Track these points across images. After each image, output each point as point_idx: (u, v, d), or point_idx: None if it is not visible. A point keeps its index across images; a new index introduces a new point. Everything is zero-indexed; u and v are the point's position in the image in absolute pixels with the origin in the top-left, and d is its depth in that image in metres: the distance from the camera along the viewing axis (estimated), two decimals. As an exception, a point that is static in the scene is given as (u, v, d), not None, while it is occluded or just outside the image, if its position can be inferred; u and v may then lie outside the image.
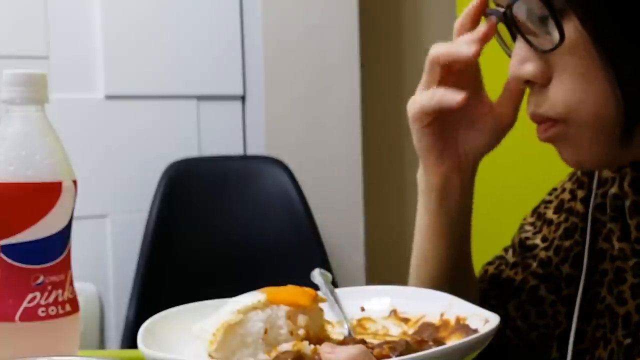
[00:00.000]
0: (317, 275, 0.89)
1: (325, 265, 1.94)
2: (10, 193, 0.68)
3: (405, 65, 2.42)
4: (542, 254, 0.86)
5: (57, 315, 0.70)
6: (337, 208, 2.17)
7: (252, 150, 2.15)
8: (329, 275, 0.90)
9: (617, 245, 0.76)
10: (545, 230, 0.87)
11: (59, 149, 0.71)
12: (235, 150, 2.15)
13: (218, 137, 2.13)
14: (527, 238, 0.88)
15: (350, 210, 2.19)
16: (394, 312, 0.84)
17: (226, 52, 2.13)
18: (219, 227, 2.00)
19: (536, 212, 0.90)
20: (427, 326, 0.80)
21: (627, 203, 0.75)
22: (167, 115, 2.07)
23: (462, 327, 0.77)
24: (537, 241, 0.87)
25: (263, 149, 2.10)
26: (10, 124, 0.71)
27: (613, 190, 0.78)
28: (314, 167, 2.14)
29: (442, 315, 0.80)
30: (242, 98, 2.16)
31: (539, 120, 0.68)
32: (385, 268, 2.32)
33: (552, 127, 0.67)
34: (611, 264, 0.78)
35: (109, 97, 1.99)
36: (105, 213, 1.99)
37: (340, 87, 2.17)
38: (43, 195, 0.69)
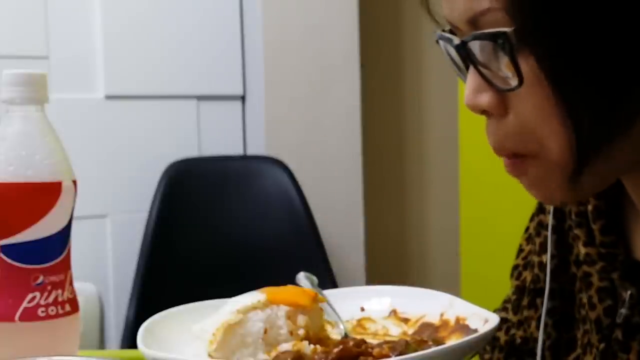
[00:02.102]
0: (302, 278, 0.89)
1: (325, 265, 1.94)
2: (10, 193, 0.68)
3: (405, 65, 2.42)
4: (529, 278, 0.86)
5: (57, 315, 0.70)
6: (337, 208, 2.17)
7: (252, 150, 2.15)
8: (315, 279, 0.89)
9: (583, 250, 0.76)
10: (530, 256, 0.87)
11: (59, 149, 0.71)
12: (235, 150, 2.15)
13: (218, 137, 2.13)
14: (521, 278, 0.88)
15: (350, 210, 2.19)
16: (394, 312, 0.84)
17: (226, 52, 2.13)
18: (219, 227, 2.00)
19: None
20: (427, 326, 0.80)
21: (590, 208, 0.75)
22: (167, 115, 2.07)
23: (462, 327, 0.77)
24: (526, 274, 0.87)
25: (263, 149, 2.10)
26: (10, 124, 0.71)
27: None
28: (314, 167, 2.14)
29: (442, 315, 0.80)
30: (242, 98, 2.16)
31: (505, 154, 0.66)
32: (385, 268, 2.31)
33: (518, 163, 0.65)
34: (580, 268, 0.78)
35: (109, 97, 1.99)
36: (105, 213, 1.99)
37: (340, 87, 2.17)
38: (43, 195, 0.69)
